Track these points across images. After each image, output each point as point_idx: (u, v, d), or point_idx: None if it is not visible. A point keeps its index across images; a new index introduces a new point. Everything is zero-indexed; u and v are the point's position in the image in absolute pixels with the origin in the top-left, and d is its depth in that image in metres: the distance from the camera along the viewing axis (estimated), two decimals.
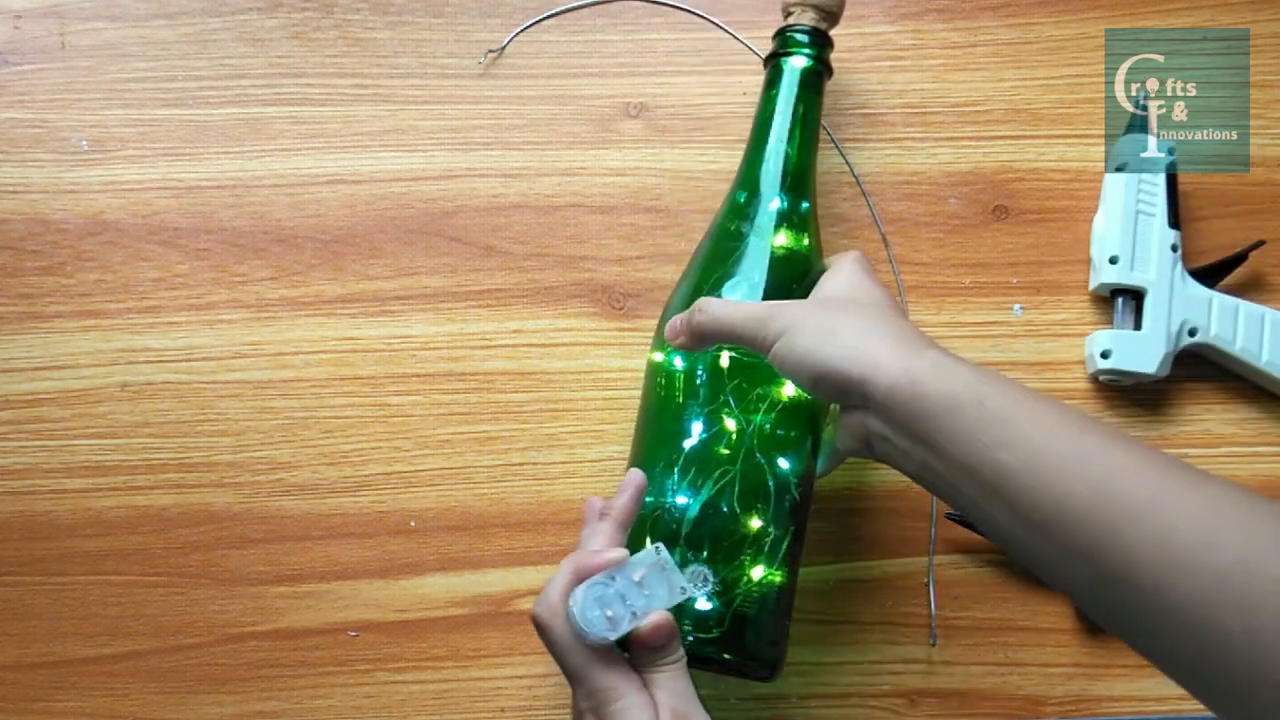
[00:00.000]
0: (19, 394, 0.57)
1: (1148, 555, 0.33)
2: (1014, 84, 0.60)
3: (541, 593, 0.44)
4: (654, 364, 0.52)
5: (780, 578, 0.48)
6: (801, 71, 0.52)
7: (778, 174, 0.52)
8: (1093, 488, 0.35)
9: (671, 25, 0.60)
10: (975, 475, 0.38)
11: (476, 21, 0.60)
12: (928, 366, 0.40)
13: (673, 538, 0.47)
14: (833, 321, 0.43)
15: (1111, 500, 0.34)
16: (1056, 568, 0.37)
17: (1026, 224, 0.59)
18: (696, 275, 0.52)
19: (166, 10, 0.60)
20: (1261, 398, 0.58)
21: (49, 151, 0.59)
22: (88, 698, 0.56)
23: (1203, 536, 0.32)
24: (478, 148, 0.59)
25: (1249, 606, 0.31)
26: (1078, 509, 0.35)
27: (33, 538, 0.57)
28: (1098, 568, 0.34)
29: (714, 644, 0.46)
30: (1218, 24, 0.59)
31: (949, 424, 0.38)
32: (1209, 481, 0.34)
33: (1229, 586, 0.31)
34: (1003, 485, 0.37)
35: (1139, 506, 0.34)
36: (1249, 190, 0.59)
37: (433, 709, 0.56)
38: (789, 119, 0.52)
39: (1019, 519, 0.37)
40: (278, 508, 0.57)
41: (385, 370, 0.58)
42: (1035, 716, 0.56)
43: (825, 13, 0.52)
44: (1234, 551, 0.32)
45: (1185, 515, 0.33)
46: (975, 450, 0.38)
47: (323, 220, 0.59)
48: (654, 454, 0.49)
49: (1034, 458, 0.36)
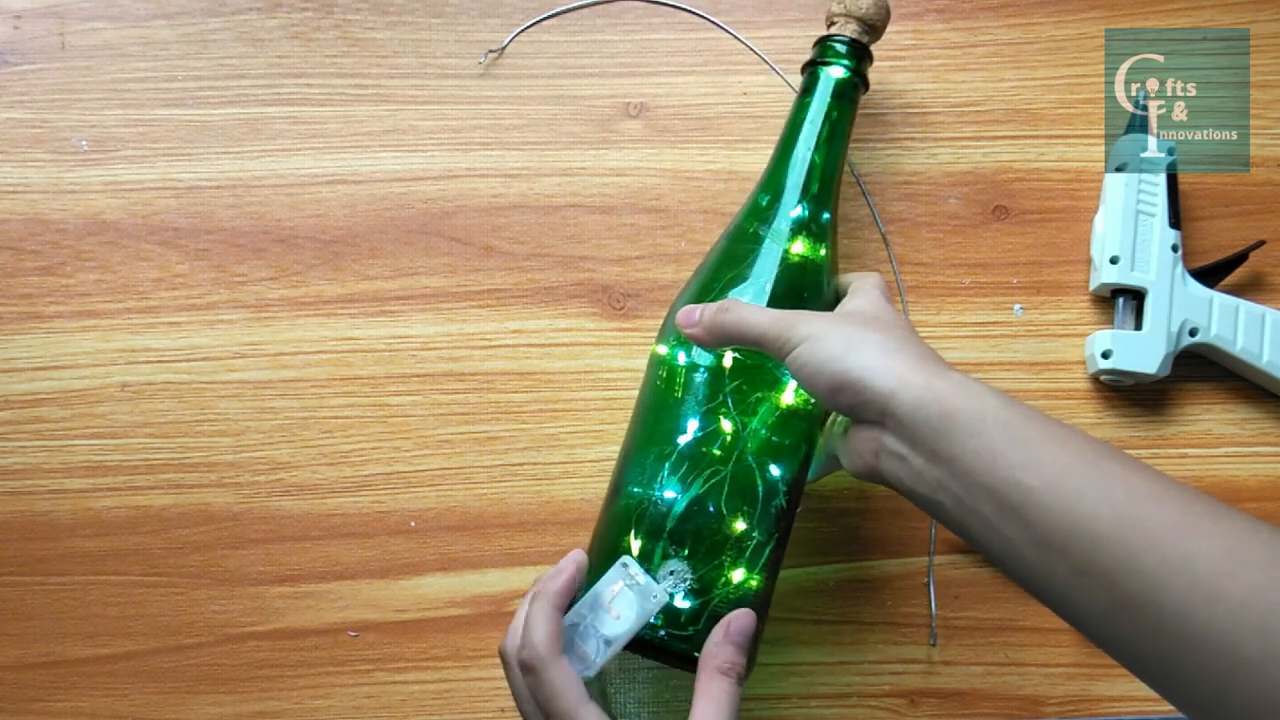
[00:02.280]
0: (19, 394, 0.57)
1: (1170, 581, 0.33)
2: (1014, 84, 0.60)
3: (513, 634, 0.44)
4: (657, 356, 0.52)
5: (758, 583, 0.48)
6: (837, 82, 0.52)
7: (802, 181, 0.51)
8: (1116, 510, 0.35)
9: (671, 25, 0.60)
10: (995, 495, 0.38)
11: (476, 21, 0.60)
12: (953, 386, 0.40)
13: (656, 531, 0.47)
14: (859, 335, 0.43)
15: (1135, 524, 0.34)
16: (1070, 593, 0.36)
17: (1026, 224, 0.59)
18: (709, 273, 0.52)
19: (166, 10, 0.60)
20: (1262, 398, 0.58)
21: (49, 151, 0.59)
22: (88, 698, 0.56)
23: (1225, 565, 0.32)
24: (478, 148, 0.59)
25: (1269, 634, 0.31)
26: (1099, 531, 0.35)
27: (33, 538, 0.57)
28: (1115, 592, 0.34)
29: (686, 641, 0.46)
30: (1218, 24, 0.59)
31: (973, 443, 0.38)
32: (1233, 514, 0.35)
33: (1249, 614, 0.31)
34: (1023, 505, 0.37)
35: (1162, 532, 0.34)
36: (1249, 190, 0.59)
37: (433, 709, 0.56)
38: (819, 128, 0.52)
39: (1035, 540, 0.37)
40: (277, 508, 0.57)
41: (385, 370, 0.58)
42: (1035, 716, 0.56)
43: (868, 26, 0.52)
44: (1255, 580, 0.32)
45: (1209, 544, 0.33)
46: (998, 470, 0.38)
47: (323, 220, 0.59)
48: (647, 444, 0.49)
49: (1057, 479, 0.36)
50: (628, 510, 0.48)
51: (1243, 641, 0.31)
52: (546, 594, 0.44)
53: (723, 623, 0.45)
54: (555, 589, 0.45)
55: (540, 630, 0.43)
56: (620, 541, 0.48)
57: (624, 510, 0.48)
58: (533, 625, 0.43)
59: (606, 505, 0.50)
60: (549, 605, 0.44)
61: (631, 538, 0.47)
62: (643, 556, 0.47)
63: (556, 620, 0.44)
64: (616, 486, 0.50)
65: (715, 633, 0.45)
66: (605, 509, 0.50)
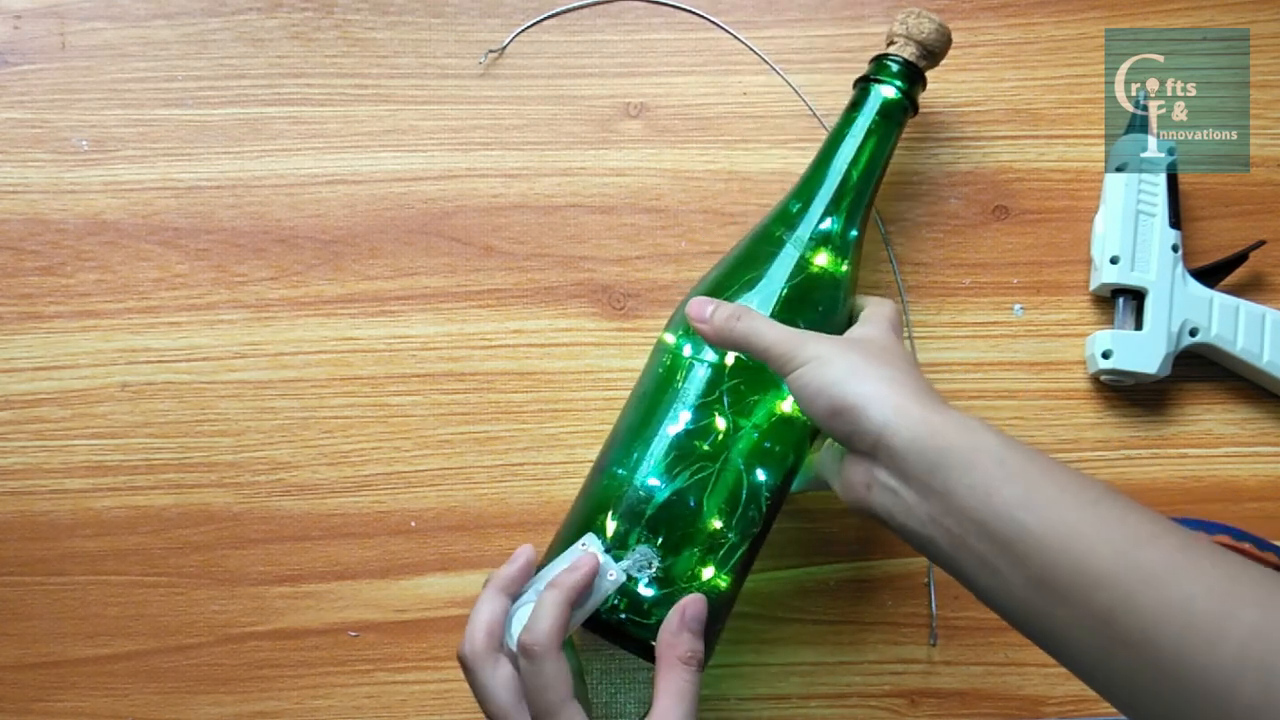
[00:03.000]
0: (19, 394, 0.57)
1: (1168, 622, 0.33)
2: (1014, 84, 0.60)
3: (468, 634, 0.44)
4: (663, 343, 0.52)
5: (725, 584, 0.48)
6: (885, 100, 0.52)
7: (834, 194, 0.51)
8: (1114, 550, 0.35)
9: (671, 25, 0.60)
10: (989, 532, 0.37)
11: (476, 21, 0.60)
12: (950, 422, 0.40)
13: (634, 516, 0.47)
14: (863, 363, 0.43)
15: (1133, 565, 0.34)
16: (1066, 633, 0.36)
17: (1026, 224, 0.59)
18: (727, 269, 0.52)
19: (166, 10, 0.60)
20: (1262, 398, 0.58)
21: (49, 151, 0.59)
22: (88, 698, 0.56)
23: (1224, 606, 0.32)
24: (478, 148, 0.59)
25: (1269, 675, 0.31)
26: (1097, 572, 0.35)
27: (33, 538, 0.57)
28: (1113, 633, 0.34)
29: (643, 628, 0.46)
30: (1218, 24, 0.59)
31: (967, 478, 0.38)
32: (1227, 556, 0.34)
33: (1248, 656, 0.31)
34: (1018, 543, 0.36)
35: (1160, 573, 0.34)
36: (1249, 190, 0.59)
37: (433, 709, 0.56)
38: (860, 144, 0.51)
39: (1031, 580, 0.36)
40: (278, 508, 0.57)
41: (385, 370, 0.58)
42: (1035, 716, 0.56)
43: (927, 51, 0.52)
44: (1252, 622, 0.32)
45: (1206, 585, 0.33)
46: (993, 506, 0.37)
47: (323, 220, 0.59)
48: (638, 428, 0.49)
49: (1054, 519, 0.36)
50: (607, 490, 0.48)
51: (1242, 684, 0.31)
52: (562, 587, 0.44)
53: (676, 609, 0.45)
54: (571, 583, 0.45)
55: (550, 620, 0.43)
56: (595, 520, 0.48)
57: (603, 489, 0.48)
58: (542, 614, 0.43)
59: (588, 482, 0.50)
60: (564, 598, 0.44)
61: (608, 518, 0.47)
62: (615, 539, 0.47)
63: (567, 614, 0.44)
64: (601, 465, 0.50)
65: (670, 620, 0.45)
66: (586, 485, 0.50)
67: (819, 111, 0.59)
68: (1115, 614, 0.34)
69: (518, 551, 0.48)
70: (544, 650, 0.42)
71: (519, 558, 0.47)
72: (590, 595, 0.45)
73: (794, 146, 0.59)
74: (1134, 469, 0.57)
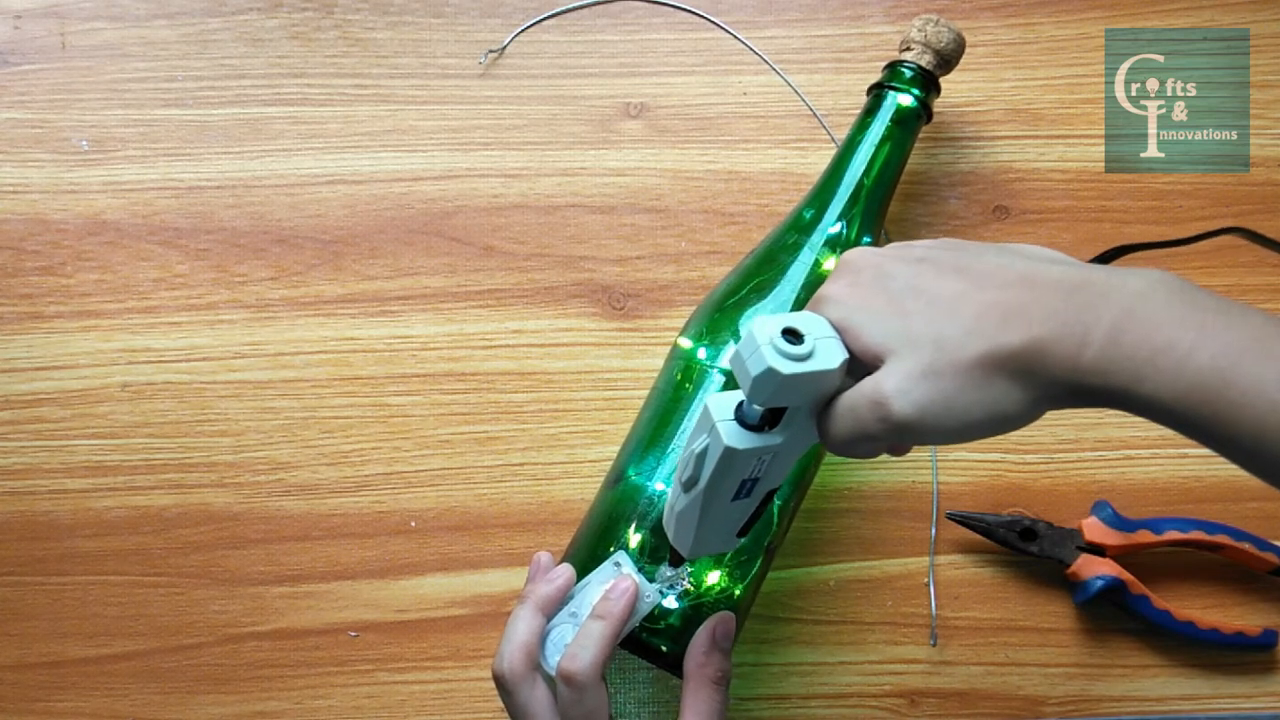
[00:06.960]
0: (19, 394, 0.57)
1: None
2: (1014, 84, 0.60)
3: (503, 650, 0.43)
4: (679, 348, 0.52)
5: (739, 592, 0.48)
6: (900, 108, 0.52)
7: (846, 200, 0.51)
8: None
9: (671, 25, 0.60)
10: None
11: (476, 21, 0.60)
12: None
13: (661, 530, 0.47)
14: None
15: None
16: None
17: (1026, 224, 0.59)
18: (740, 275, 0.52)
19: (166, 10, 0.60)
20: None
21: (49, 151, 0.59)
22: (88, 698, 0.56)
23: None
24: (478, 148, 0.59)
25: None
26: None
27: (33, 538, 0.57)
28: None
29: (659, 635, 0.46)
30: (1218, 24, 0.59)
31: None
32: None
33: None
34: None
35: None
36: (1249, 190, 0.59)
37: (433, 709, 0.56)
38: (873, 149, 0.52)
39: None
40: (277, 508, 0.57)
41: (385, 370, 0.58)
42: (1035, 716, 0.56)
43: (942, 59, 0.52)
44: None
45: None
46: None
47: (323, 220, 0.59)
48: (654, 434, 0.49)
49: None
50: (627, 500, 0.48)
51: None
52: (611, 619, 0.43)
53: (706, 628, 0.45)
54: (619, 614, 0.43)
55: (596, 652, 0.42)
56: (616, 531, 0.48)
57: (623, 499, 0.48)
58: (588, 644, 0.43)
59: (604, 490, 0.50)
60: (611, 632, 0.43)
61: (631, 531, 0.47)
62: (640, 551, 0.47)
63: (612, 648, 0.43)
64: (618, 473, 0.50)
65: (700, 639, 0.44)
66: (602, 493, 0.50)
67: (819, 111, 0.59)
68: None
69: (556, 570, 0.46)
70: (587, 681, 0.42)
71: (558, 577, 0.46)
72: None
73: (794, 146, 0.59)
74: (1134, 469, 0.57)
